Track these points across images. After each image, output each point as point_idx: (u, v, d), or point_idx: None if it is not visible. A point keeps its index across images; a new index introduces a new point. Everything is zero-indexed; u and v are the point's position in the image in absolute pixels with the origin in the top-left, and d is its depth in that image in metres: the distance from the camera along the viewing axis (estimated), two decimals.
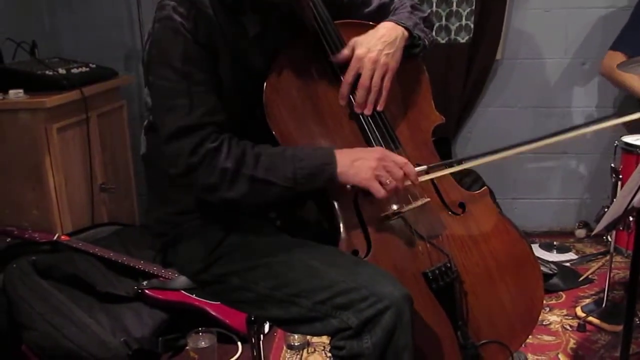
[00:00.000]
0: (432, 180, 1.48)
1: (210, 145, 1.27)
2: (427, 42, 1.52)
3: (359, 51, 1.41)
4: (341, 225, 1.39)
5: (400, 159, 1.35)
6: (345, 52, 1.42)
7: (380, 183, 1.31)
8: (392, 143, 1.45)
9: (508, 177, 3.33)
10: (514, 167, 3.32)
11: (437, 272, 1.42)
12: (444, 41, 3.06)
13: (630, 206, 1.35)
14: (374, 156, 1.32)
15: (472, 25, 3.03)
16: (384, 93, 1.43)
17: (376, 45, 1.41)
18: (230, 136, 1.31)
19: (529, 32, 3.13)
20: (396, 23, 1.47)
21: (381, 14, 1.55)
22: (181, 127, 1.27)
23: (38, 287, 2.18)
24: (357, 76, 1.42)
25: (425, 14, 1.57)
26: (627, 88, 2.69)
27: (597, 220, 1.84)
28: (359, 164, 1.31)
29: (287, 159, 1.29)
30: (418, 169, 1.38)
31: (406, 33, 1.46)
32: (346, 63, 1.42)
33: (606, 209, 1.62)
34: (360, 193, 1.40)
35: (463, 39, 3.06)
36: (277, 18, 1.39)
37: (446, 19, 3.04)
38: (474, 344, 1.44)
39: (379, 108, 1.44)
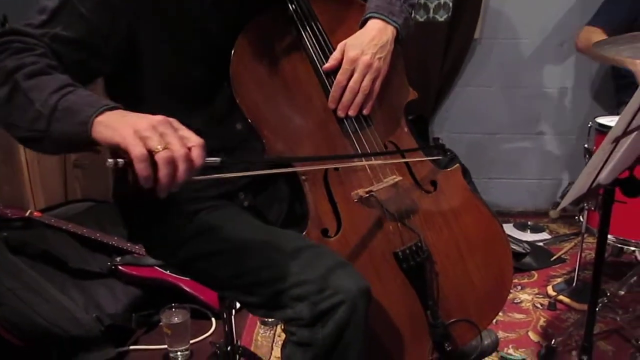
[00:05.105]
0: (404, 158, 1.48)
1: (17, 43, 1.12)
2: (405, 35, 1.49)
3: (351, 53, 1.37)
4: (310, 203, 1.38)
5: (195, 139, 0.99)
6: (337, 55, 1.38)
7: (149, 148, 0.95)
8: (364, 121, 1.43)
9: (485, 156, 3.35)
10: (491, 147, 3.34)
11: (407, 251, 1.42)
12: (422, 19, 3.03)
13: (595, 183, 1.35)
14: (155, 118, 0.98)
15: (450, 4, 3.00)
16: (373, 96, 1.41)
17: (369, 48, 1.38)
18: (43, 50, 1.13)
19: (508, 12, 3.12)
20: (387, 22, 1.42)
21: None
22: (21, 30, 1.15)
23: (9, 264, 2.15)
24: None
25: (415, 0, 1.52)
26: (608, 61, 2.66)
27: (563, 197, 1.85)
28: (129, 119, 0.98)
29: (63, 87, 1.05)
30: (210, 159, 1.01)
31: (395, 33, 1.43)
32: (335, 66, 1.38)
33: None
34: (331, 170, 1.40)
35: (442, 17, 3.04)
36: None
37: None
38: (443, 323, 1.45)
39: (365, 112, 1.41)
